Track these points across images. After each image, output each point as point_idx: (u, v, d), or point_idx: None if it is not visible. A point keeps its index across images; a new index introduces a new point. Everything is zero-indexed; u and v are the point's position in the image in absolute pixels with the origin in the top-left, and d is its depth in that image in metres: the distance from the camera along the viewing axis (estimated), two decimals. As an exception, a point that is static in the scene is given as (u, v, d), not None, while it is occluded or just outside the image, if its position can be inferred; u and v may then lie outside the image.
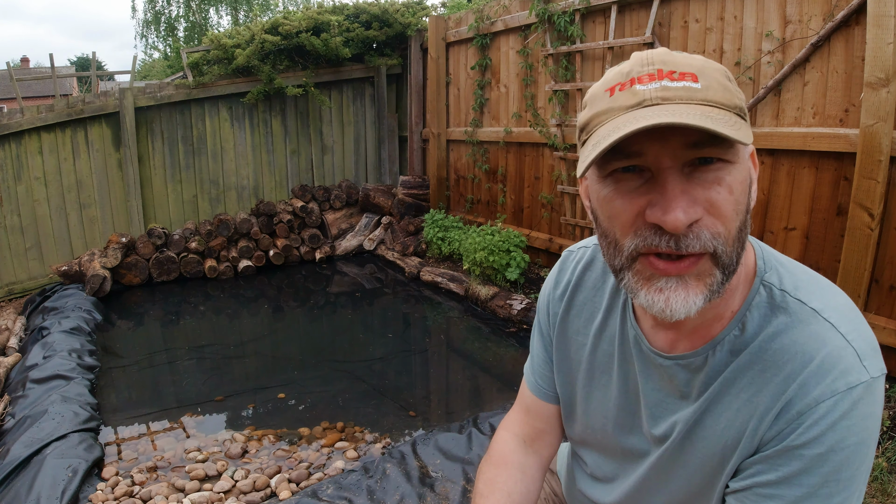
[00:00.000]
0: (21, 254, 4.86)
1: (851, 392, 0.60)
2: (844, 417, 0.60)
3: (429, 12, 6.22)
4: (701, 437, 0.71)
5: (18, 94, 5.04)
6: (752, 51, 3.05)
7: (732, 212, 0.62)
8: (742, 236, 0.64)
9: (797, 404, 0.62)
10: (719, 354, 0.69)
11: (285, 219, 5.49)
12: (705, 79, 0.61)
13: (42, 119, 4.76)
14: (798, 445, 0.62)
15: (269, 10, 19.97)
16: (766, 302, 0.68)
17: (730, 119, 0.60)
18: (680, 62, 0.62)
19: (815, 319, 0.65)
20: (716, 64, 0.64)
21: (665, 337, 0.75)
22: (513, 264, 4.30)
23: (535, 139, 4.56)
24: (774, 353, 0.65)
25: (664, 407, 0.76)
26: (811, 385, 0.62)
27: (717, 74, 0.63)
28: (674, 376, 0.73)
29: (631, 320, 0.79)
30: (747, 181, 0.65)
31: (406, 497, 2.13)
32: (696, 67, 0.62)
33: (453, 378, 3.50)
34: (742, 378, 0.67)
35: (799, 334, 0.64)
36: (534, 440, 0.96)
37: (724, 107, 0.61)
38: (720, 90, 0.62)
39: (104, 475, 2.35)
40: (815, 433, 0.61)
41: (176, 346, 3.87)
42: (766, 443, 0.65)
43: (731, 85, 0.63)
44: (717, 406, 0.69)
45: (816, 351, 0.63)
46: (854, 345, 0.63)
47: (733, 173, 0.62)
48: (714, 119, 0.58)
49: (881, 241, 2.62)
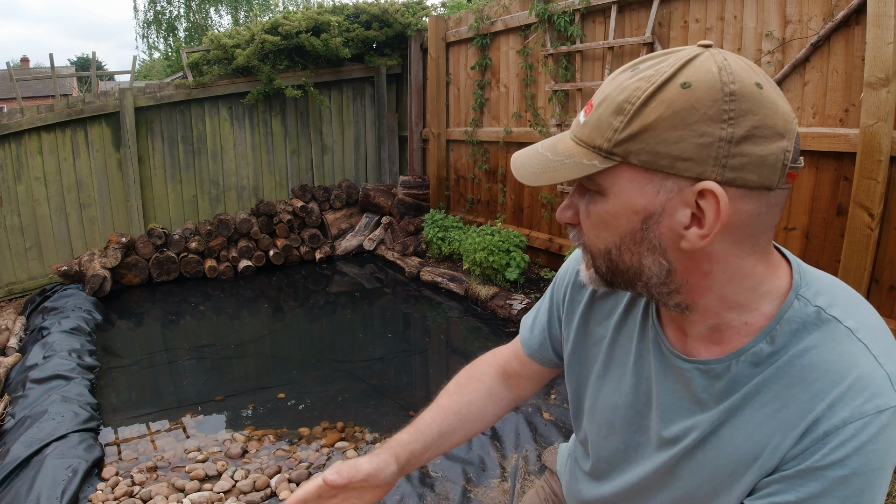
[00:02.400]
0: (21, 254, 4.86)
1: (880, 416, 0.59)
2: (871, 441, 0.59)
3: (429, 12, 6.22)
4: (716, 446, 0.70)
5: (18, 94, 5.04)
6: (752, 51, 3.05)
7: (593, 236, 0.69)
8: (611, 259, 0.68)
9: (824, 424, 0.61)
10: (743, 365, 0.68)
11: (285, 219, 5.50)
12: (597, 110, 0.63)
13: (42, 119, 4.76)
14: (821, 466, 0.60)
15: (269, 10, 19.98)
16: (800, 316, 0.66)
17: (565, 160, 0.65)
18: (604, 87, 0.64)
19: (848, 339, 0.63)
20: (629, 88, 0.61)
21: (684, 345, 0.74)
22: (513, 264, 4.30)
23: (535, 139, 4.56)
24: (803, 370, 0.64)
25: (677, 410, 0.75)
26: (840, 406, 0.60)
27: (608, 105, 0.62)
28: (691, 380, 0.72)
29: (653, 319, 0.78)
30: (623, 216, 0.64)
31: (406, 497, 2.13)
32: (604, 94, 0.63)
33: (453, 378, 3.50)
34: (766, 392, 0.66)
35: (831, 352, 0.63)
36: (510, 377, 1.03)
37: (582, 144, 0.64)
38: (591, 125, 0.64)
39: (104, 475, 2.35)
40: (839, 455, 0.59)
41: (176, 346, 3.87)
42: (788, 461, 0.64)
43: (613, 119, 0.61)
44: (736, 418, 0.68)
45: (848, 371, 0.61)
46: (886, 368, 0.61)
47: (597, 203, 0.66)
48: (546, 164, 0.66)
49: (881, 241, 2.62)
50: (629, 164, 0.61)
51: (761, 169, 0.59)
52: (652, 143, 0.59)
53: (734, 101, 0.57)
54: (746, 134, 0.57)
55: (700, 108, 0.57)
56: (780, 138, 0.59)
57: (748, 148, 0.58)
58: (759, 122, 0.57)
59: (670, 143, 0.59)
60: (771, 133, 0.58)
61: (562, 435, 2.47)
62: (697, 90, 0.57)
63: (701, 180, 0.59)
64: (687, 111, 0.58)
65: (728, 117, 0.57)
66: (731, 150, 0.57)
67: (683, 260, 0.65)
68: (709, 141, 0.58)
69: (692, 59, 0.59)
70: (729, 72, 0.58)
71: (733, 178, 0.59)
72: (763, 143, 0.58)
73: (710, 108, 0.57)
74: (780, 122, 0.59)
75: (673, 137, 0.59)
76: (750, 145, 0.58)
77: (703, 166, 0.58)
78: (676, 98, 0.58)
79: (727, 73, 0.57)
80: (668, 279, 0.66)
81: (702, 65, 0.58)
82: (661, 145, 0.59)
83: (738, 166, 0.58)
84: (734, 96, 0.57)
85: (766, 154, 0.58)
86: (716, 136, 0.57)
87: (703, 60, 0.59)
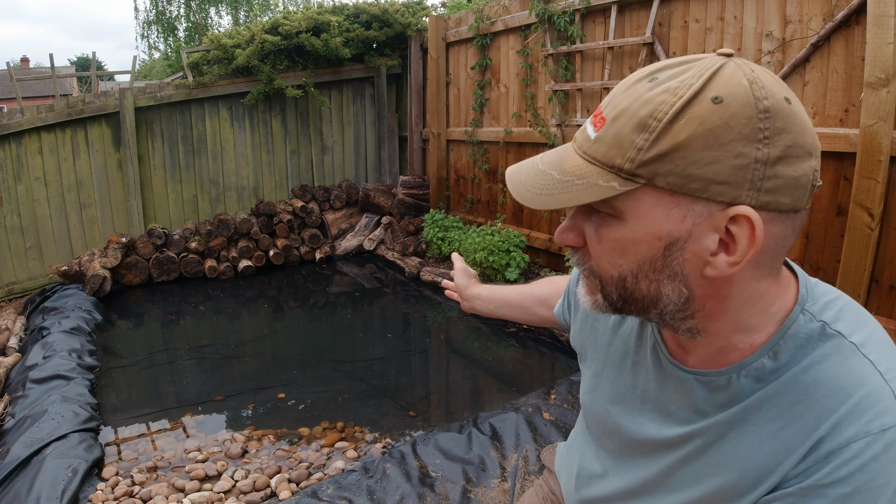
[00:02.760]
0: (21, 254, 4.86)
1: (885, 434, 0.58)
2: (875, 460, 0.58)
3: (429, 12, 6.23)
4: (717, 459, 0.69)
5: (18, 94, 5.04)
6: (753, 51, 3.05)
7: (605, 263, 0.63)
8: (625, 287, 0.64)
9: (828, 443, 0.60)
10: (745, 379, 0.66)
11: (285, 219, 5.50)
12: (614, 125, 0.57)
13: (42, 119, 4.77)
14: (824, 484, 0.59)
15: (269, 10, 19.98)
16: (804, 332, 0.65)
17: (574, 181, 0.59)
18: (618, 97, 0.59)
19: (854, 355, 0.62)
20: (652, 102, 0.55)
21: (685, 357, 0.73)
22: (513, 264, 4.30)
23: (535, 139, 4.56)
24: (808, 387, 0.62)
25: (676, 418, 0.74)
26: (845, 425, 0.59)
27: (628, 121, 0.56)
28: (691, 391, 0.71)
29: (652, 326, 0.77)
30: (645, 242, 0.59)
31: (406, 497, 2.13)
32: (621, 107, 0.57)
33: (453, 378, 3.51)
34: (770, 408, 0.65)
35: (836, 369, 0.62)
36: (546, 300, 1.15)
37: (596, 162, 0.58)
38: (608, 142, 0.57)
39: (104, 475, 2.35)
40: (843, 473, 0.59)
41: (176, 346, 3.87)
42: (791, 479, 0.63)
43: (636, 136, 0.55)
44: (738, 431, 0.67)
45: (854, 389, 0.60)
46: (892, 385, 0.60)
47: (612, 227, 0.61)
48: (553, 185, 0.60)
49: (881, 241, 2.62)
50: (654, 186, 0.56)
51: (794, 191, 0.56)
52: (682, 164, 0.54)
53: (769, 118, 0.53)
54: (781, 154, 0.54)
55: (735, 127, 0.53)
56: (810, 157, 0.56)
57: (782, 169, 0.54)
58: (792, 142, 0.54)
59: (704, 165, 0.54)
60: (803, 152, 0.55)
61: (562, 435, 2.47)
62: (731, 106, 0.53)
63: (734, 205, 0.55)
64: (721, 129, 0.53)
65: (764, 136, 0.53)
66: (767, 172, 0.54)
67: (705, 286, 0.61)
68: (745, 163, 0.53)
69: (718, 70, 0.55)
70: (761, 86, 0.54)
71: (767, 201, 0.55)
72: (796, 164, 0.55)
73: (745, 127, 0.53)
74: (809, 141, 0.56)
75: (707, 158, 0.54)
76: (784, 166, 0.54)
77: (739, 190, 0.54)
78: (709, 114, 0.53)
79: (759, 88, 0.53)
80: (685, 306, 0.63)
81: (731, 77, 0.54)
82: (693, 167, 0.54)
83: (773, 189, 0.55)
84: (768, 113, 0.53)
85: (798, 175, 0.55)
86: (752, 158, 0.53)
87: (731, 72, 0.54)
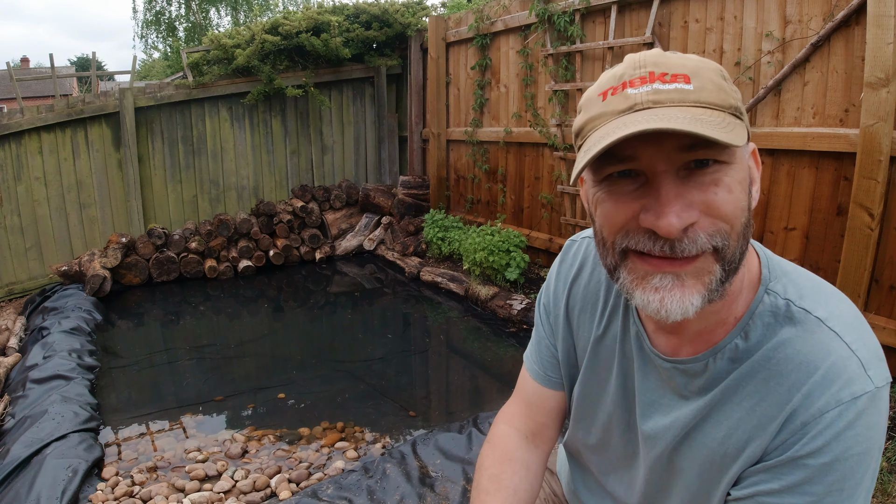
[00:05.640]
0: (21, 254, 4.86)
1: (856, 402, 0.60)
2: (849, 427, 0.60)
3: (429, 12, 6.22)
4: (700, 443, 0.71)
5: (18, 94, 5.04)
6: (752, 51, 3.05)
7: (733, 211, 0.61)
8: (746, 234, 0.63)
9: (802, 415, 0.62)
10: (720, 362, 0.69)
11: (285, 219, 5.49)
12: (699, 79, 0.61)
13: (42, 119, 4.76)
14: (802, 455, 0.61)
15: (269, 11, 19.97)
16: (770, 311, 0.67)
17: (722, 120, 0.59)
18: (673, 63, 0.62)
19: (819, 329, 0.64)
20: (711, 63, 0.63)
21: (667, 341, 0.74)
22: (513, 264, 4.30)
23: (535, 139, 4.56)
24: (778, 363, 0.65)
25: (659, 407, 0.75)
26: (816, 395, 0.62)
27: (711, 74, 0.62)
28: (671, 379, 0.73)
29: (634, 317, 0.79)
30: (746, 180, 0.64)
31: (406, 497, 2.13)
32: (690, 68, 0.61)
33: (453, 378, 3.51)
34: (745, 387, 0.67)
35: (803, 344, 0.64)
36: (535, 435, 0.95)
37: (717, 107, 0.60)
38: (714, 91, 0.61)
39: (104, 475, 2.35)
40: (819, 443, 0.61)
41: (176, 346, 3.87)
42: (770, 452, 0.65)
43: (726, 84, 0.63)
44: (717, 413, 0.69)
45: (821, 361, 0.62)
46: (858, 354, 0.62)
47: (731, 173, 0.61)
48: (704, 122, 0.57)
49: (881, 241, 2.62)
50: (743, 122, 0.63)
51: None
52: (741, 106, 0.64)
53: None
54: None
55: None
56: None
57: None
58: None
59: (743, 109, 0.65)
60: None
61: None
62: None
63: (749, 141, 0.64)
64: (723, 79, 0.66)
65: None
66: None
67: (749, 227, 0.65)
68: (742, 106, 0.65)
69: None
70: None
71: None
72: None
73: None
74: None
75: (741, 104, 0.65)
76: None
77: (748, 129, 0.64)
78: None
79: None
80: (746, 246, 0.66)
81: None
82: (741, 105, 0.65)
83: None
84: None
85: None
86: None
87: None
